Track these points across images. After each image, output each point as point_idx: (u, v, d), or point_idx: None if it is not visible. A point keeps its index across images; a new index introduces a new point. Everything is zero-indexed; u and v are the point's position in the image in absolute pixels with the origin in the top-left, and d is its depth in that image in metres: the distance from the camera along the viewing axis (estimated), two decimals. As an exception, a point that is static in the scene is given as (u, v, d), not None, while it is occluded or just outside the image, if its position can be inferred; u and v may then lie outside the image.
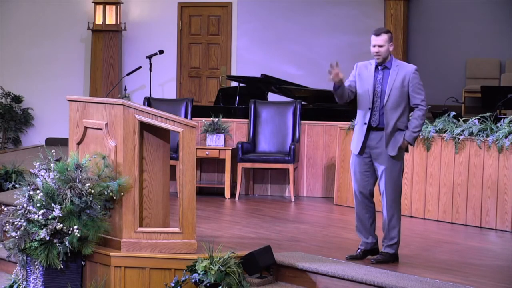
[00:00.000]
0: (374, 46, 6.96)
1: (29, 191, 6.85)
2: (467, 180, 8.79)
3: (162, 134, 7.17)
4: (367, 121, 6.98)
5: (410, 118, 7.01)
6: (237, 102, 11.19)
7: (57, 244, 6.72)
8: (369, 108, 6.97)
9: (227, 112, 10.88)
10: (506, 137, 8.48)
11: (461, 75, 14.56)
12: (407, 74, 6.95)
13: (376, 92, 6.97)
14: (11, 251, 6.88)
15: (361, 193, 7.09)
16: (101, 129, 7.10)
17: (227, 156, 10.26)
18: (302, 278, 6.88)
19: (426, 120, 9.21)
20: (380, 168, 7.01)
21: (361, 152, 7.03)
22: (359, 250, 7.18)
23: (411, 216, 9.20)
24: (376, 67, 7.01)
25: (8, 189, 9.97)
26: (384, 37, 6.94)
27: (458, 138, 8.83)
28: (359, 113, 7.07)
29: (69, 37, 14.51)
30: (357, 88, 7.07)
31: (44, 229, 6.68)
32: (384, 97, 6.94)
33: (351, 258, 7.12)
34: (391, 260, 7.05)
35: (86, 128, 7.27)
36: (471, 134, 8.77)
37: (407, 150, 7.09)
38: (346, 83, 7.07)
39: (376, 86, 6.98)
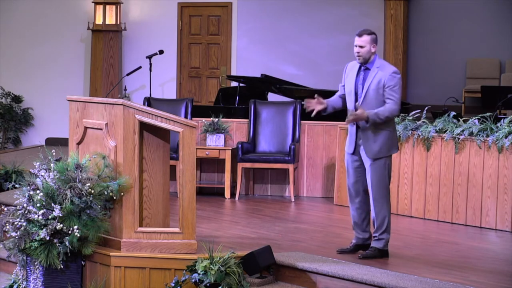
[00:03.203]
0: (356, 46, 7.04)
1: (29, 191, 6.85)
2: (467, 180, 8.79)
3: (162, 134, 7.17)
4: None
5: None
6: (237, 102, 11.19)
7: (57, 244, 6.72)
8: (354, 109, 7.09)
9: (227, 112, 10.88)
10: (506, 137, 8.48)
11: (461, 75, 14.55)
12: (384, 76, 6.99)
13: (357, 93, 7.08)
14: (11, 251, 6.88)
15: (353, 189, 7.24)
16: (101, 129, 7.10)
17: (227, 156, 10.26)
18: (302, 278, 6.88)
19: (426, 120, 9.24)
20: (367, 164, 7.11)
21: (355, 151, 7.19)
22: (351, 244, 7.31)
23: (411, 216, 9.20)
24: (360, 67, 7.10)
25: (8, 189, 9.98)
26: (365, 38, 7.01)
27: (458, 138, 8.82)
28: (348, 113, 7.20)
29: (69, 37, 14.52)
30: (345, 89, 7.22)
31: (44, 229, 6.68)
32: (360, 98, 7.05)
33: (342, 252, 7.26)
34: (379, 255, 7.11)
35: (86, 128, 7.27)
36: (471, 134, 8.77)
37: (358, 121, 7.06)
38: (339, 92, 7.29)
39: (357, 87, 7.09)
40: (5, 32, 14.61)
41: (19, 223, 6.76)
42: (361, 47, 7.00)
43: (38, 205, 6.75)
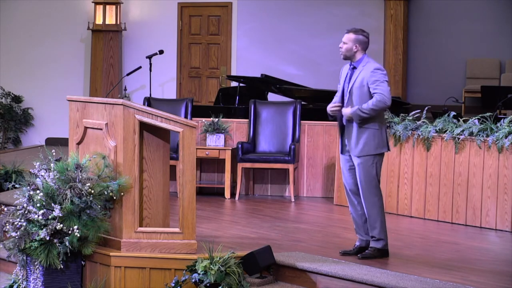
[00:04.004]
0: (341, 41, 7.09)
1: (29, 191, 6.85)
2: (467, 180, 8.79)
3: (162, 134, 7.17)
4: (339, 119, 7.16)
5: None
6: (237, 102, 11.19)
7: (57, 244, 6.72)
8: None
9: (227, 112, 10.88)
10: (506, 137, 8.48)
11: (461, 75, 14.55)
12: (366, 74, 7.00)
13: (345, 91, 7.11)
14: (11, 251, 6.88)
15: (350, 190, 7.24)
16: (101, 129, 7.10)
17: (227, 156, 10.26)
18: (302, 278, 6.88)
19: (426, 120, 9.24)
20: (356, 163, 7.11)
21: (342, 150, 7.20)
22: (354, 247, 7.28)
23: (411, 216, 9.20)
24: (350, 67, 7.13)
25: (8, 189, 9.98)
26: (350, 36, 7.05)
27: (458, 138, 8.82)
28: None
29: (69, 37, 14.52)
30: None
31: (44, 229, 6.68)
32: (345, 97, 7.09)
33: (345, 254, 7.23)
34: (378, 255, 7.10)
35: (86, 128, 7.27)
36: (471, 134, 8.77)
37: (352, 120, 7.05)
38: (338, 93, 7.26)
39: (345, 85, 7.12)
40: (5, 32, 14.61)
41: (19, 223, 6.76)
42: (344, 43, 7.06)
43: (38, 205, 6.75)
